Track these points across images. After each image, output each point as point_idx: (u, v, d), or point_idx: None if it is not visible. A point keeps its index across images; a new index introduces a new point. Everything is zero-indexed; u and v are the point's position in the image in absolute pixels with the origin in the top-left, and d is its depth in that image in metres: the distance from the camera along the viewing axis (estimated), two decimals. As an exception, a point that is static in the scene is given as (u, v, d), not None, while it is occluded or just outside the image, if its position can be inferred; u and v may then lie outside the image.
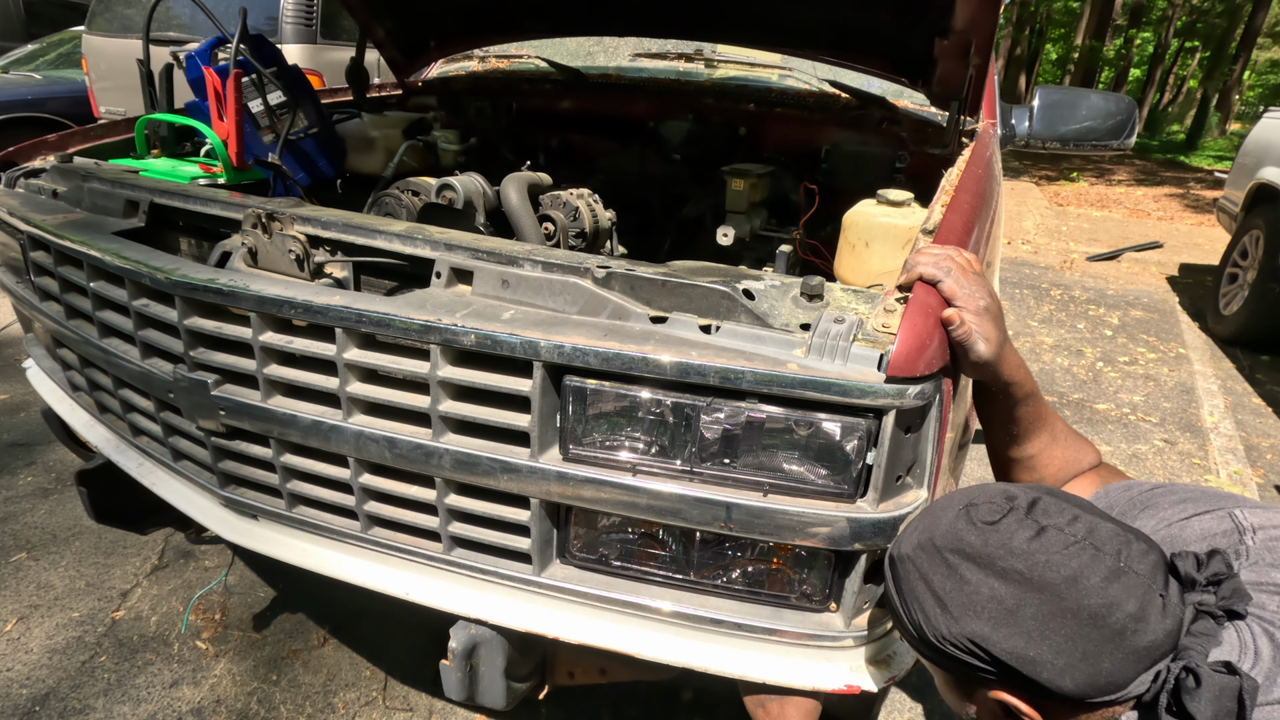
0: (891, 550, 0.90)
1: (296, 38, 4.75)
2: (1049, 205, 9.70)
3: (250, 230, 1.21)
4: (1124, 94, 3.88)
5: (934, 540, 0.82)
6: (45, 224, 1.42)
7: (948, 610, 0.78)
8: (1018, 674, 0.74)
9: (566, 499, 1.07)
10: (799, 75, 2.49)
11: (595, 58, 2.85)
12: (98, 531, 2.31)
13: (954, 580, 0.78)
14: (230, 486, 1.34)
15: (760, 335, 0.98)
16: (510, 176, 1.90)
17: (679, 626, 1.12)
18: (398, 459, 1.12)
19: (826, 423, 0.95)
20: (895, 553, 0.88)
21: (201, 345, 1.23)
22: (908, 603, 0.84)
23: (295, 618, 2.04)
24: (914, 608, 0.83)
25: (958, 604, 0.77)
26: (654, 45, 2.83)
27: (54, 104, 5.86)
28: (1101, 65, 20.79)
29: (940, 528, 0.82)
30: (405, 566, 1.24)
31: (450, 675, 1.18)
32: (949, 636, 0.78)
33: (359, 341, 1.12)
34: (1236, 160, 5.29)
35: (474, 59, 2.89)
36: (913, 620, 0.83)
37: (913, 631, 0.84)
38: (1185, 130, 22.34)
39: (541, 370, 1.00)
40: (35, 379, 1.81)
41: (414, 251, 1.18)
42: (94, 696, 1.77)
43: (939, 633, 0.79)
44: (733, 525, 1.01)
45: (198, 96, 1.81)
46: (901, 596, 0.85)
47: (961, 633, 0.77)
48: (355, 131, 2.21)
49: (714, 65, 2.66)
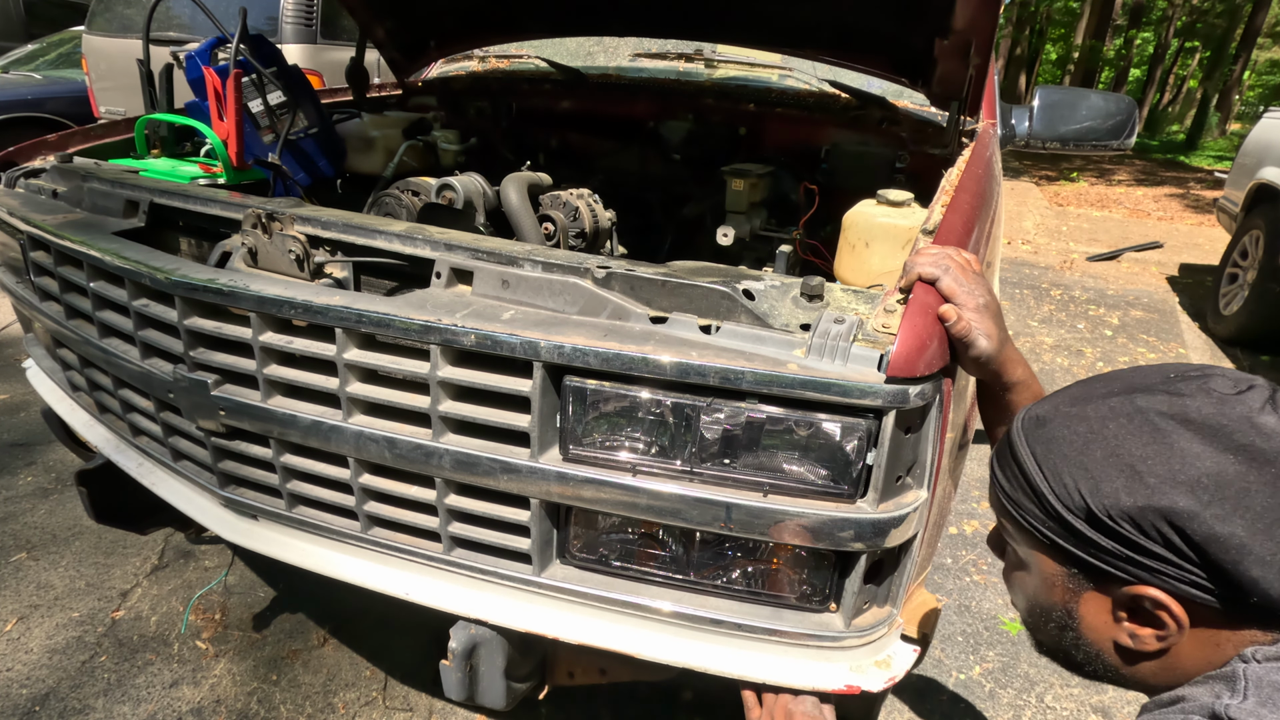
0: (1033, 410, 0.78)
1: (296, 38, 4.75)
2: (1049, 205, 9.70)
3: (250, 230, 1.21)
4: (1124, 94, 3.88)
5: (1135, 400, 0.70)
6: (45, 224, 1.42)
7: (1140, 479, 0.66)
8: (1214, 565, 0.64)
9: (566, 499, 1.07)
10: (799, 75, 2.49)
11: (595, 58, 2.85)
12: (98, 531, 2.31)
13: (1160, 446, 0.66)
14: (230, 486, 1.34)
15: (760, 335, 0.98)
16: (510, 176, 1.90)
17: (679, 626, 1.12)
18: (398, 459, 1.12)
19: (826, 423, 0.95)
20: (1040, 412, 0.77)
21: (201, 345, 1.23)
22: (1058, 468, 0.71)
23: (295, 618, 2.04)
24: (1071, 473, 0.70)
25: (1159, 473, 0.65)
26: (654, 45, 2.82)
27: (54, 104, 5.86)
28: (1101, 65, 20.78)
29: (1148, 387, 0.70)
30: (405, 567, 1.24)
31: (450, 675, 1.18)
32: (1129, 509, 0.66)
33: (359, 342, 1.12)
34: (1236, 160, 5.29)
35: (474, 59, 2.89)
36: (1061, 487, 0.71)
37: (1053, 502, 0.71)
38: (1185, 130, 22.36)
39: (541, 370, 1.00)
40: (35, 379, 1.81)
41: (414, 252, 1.18)
42: (94, 696, 1.77)
43: (1115, 505, 0.67)
44: (733, 525, 1.01)
45: (198, 96, 1.81)
46: (1044, 460, 0.73)
47: (1156, 506, 0.65)
48: (355, 131, 2.21)
49: (714, 65, 2.66)
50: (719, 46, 2.67)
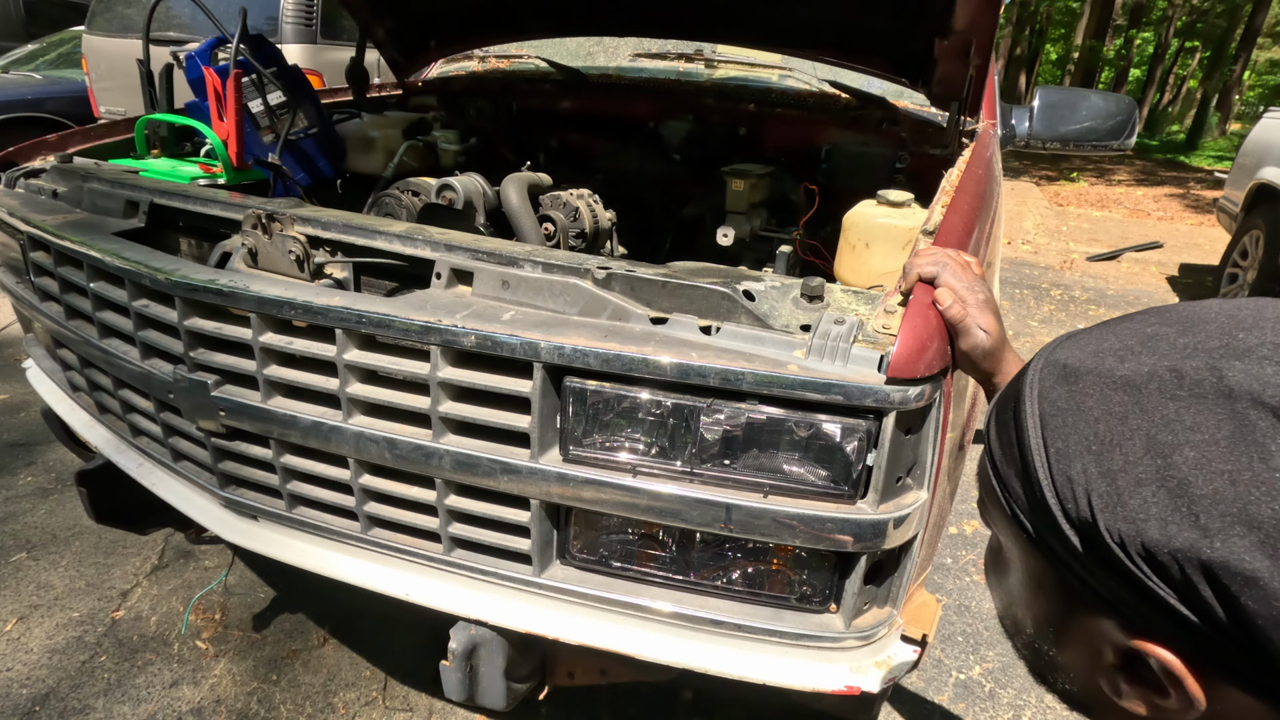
0: (1062, 351, 0.51)
1: (296, 38, 4.75)
2: (1049, 205, 9.70)
3: (250, 231, 1.21)
4: (1124, 94, 3.88)
5: (1225, 372, 0.42)
6: (45, 224, 1.42)
7: (1190, 506, 0.41)
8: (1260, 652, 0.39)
9: (567, 500, 1.07)
10: (799, 75, 2.49)
11: (595, 58, 2.85)
12: (98, 531, 2.31)
13: (1242, 459, 0.40)
14: (230, 487, 1.34)
15: (760, 336, 0.98)
16: (510, 177, 1.90)
17: (679, 627, 1.12)
18: (398, 460, 1.12)
19: (827, 424, 0.95)
20: (1070, 357, 0.50)
21: (201, 346, 1.23)
22: (1069, 453, 0.47)
23: (295, 618, 2.04)
24: (1086, 467, 0.46)
25: (1225, 505, 0.40)
26: (654, 45, 2.82)
27: (54, 104, 5.86)
28: (1101, 65, 20.80)
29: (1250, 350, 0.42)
30: (405, 567, 1.24)
31: (450, 676, 1.18)
32: (1154, 546, 0.42)
33: (359, 342, 1.12)
34: (1236, 160, 5.29)
35: (474, 59, 2.89)
36: (1065, 482, 0.47)
37: (1047, 498, 0.48)
38: (1185, 130, 22.36)
39: (542, 371, 1.00)
40: (35, 379, 1.81)
41: (414, 252, 1.18)
42: (94, 696, 1.77)
43: (1136, 535, 0.43)
44: (733, 526, 1.01)
45: (198, 96, 1.81)
46: (1053, 434, 0.48)
47: (1200, 556, 0.40)
48: (355, 131, 2.21)
49: (714, 65, 2.66)
50: (719, 46, 2.67)
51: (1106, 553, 0.45)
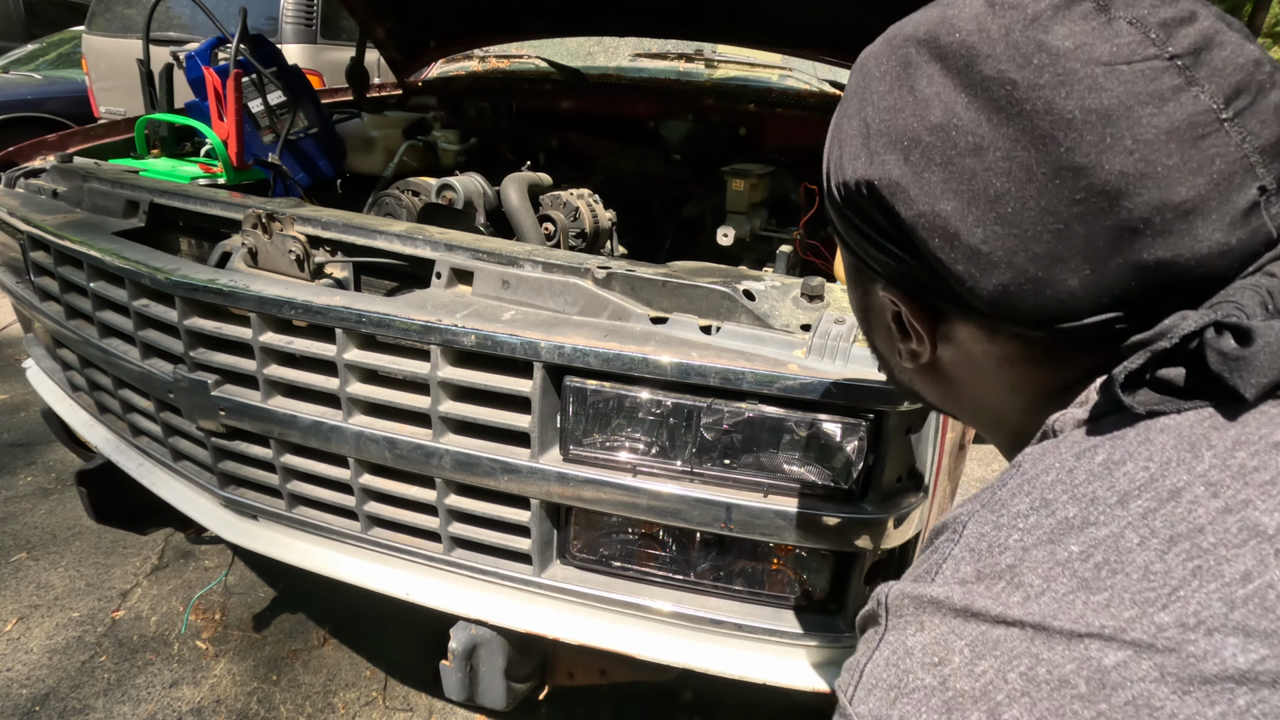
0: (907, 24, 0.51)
1: (296, 38, 4.75)
2: (1049, 205, 9.69)
3: (250, 230, 1.21)
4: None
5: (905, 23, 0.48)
6: (45, 224, 1.42)
7: (867, 140, 0.47)
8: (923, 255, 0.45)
9: (567, 500, 1.07)
10: (799, 75, 2.49)
11: (595, 58, 2.85)
12: (98, 531, 2.31)
13: (897, 92, 0.45)
14: (230, 487, 1.34)
15: (761, 336, 0.98)
16: (510, 177, 1.90)
17: (679, 627, 1.12)
18: (398, 460, 1.12)
19: (827, 424, 0.95)
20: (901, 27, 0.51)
21: (201, 346, 1.23)
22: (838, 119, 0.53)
23: (295, 618, 2.04)
24: (836, 127, 0.53)
25: (883, 131, 0.46)
26: (654, 45, 2.83)
27: (54, 104, 5.86)
28: (1101, 65, 20.82)
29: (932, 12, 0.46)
30: (405, 567, 1.24)
31: (450, 676, 1.18)
32: (849, 182, 0.48)
33: (359, 342, 1.12)
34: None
35: (474, 59, 2.89)
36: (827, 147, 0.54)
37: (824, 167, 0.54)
38: (1185, 130, 22.36)
39: (542, 371, 1.00)
40: (35, 379, 1.81)
41: (414, 252, 1.18)
42: (94, 696, 1.77)
43: (840, 176, 0.50)
44: (733, 526, 1.01)
45: (198, 96, 1.81)
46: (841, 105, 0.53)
47: (866, 178, 0.46)
48: (355, 131, 2.21)
49: (714, 65, 2.66)
50: (719, 46, 2.67)
51: (835, 206, 0.51)
